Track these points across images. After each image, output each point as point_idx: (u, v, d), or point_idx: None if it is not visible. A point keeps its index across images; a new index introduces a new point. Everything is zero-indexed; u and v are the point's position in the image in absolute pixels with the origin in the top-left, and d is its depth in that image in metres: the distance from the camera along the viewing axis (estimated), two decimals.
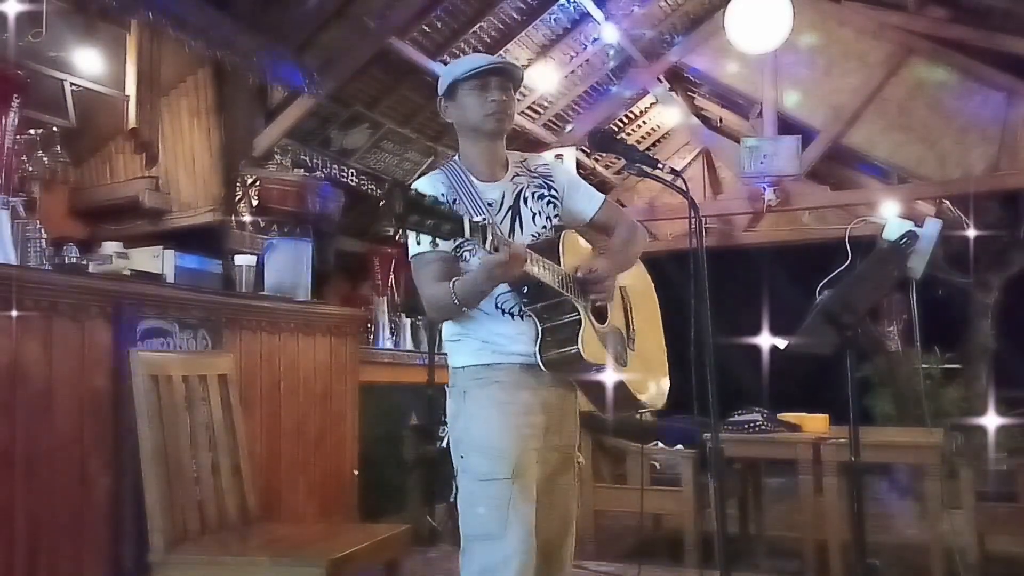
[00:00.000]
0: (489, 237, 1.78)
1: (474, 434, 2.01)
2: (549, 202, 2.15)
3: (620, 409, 2.17)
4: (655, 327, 2.33)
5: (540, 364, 1.98)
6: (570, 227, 2.15)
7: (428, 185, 2.03)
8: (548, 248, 1.99)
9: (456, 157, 2.16)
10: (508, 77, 2.09)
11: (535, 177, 2.17)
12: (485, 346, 2.03)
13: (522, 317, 2.02)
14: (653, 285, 2.39)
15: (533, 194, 2.13)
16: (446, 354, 2.15)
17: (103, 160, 4.58)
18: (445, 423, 2.16)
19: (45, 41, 3.84)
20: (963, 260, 6.40)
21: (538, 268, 1.90)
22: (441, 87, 2.13)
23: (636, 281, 2.30)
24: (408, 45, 5.03)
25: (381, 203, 1.75)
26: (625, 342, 2.16)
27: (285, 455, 3.46)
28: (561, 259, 1.99)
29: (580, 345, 1.94)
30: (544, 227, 2.12)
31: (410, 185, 1.73)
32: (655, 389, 2.23)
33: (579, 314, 1.97)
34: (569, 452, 2.14)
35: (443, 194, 1.96)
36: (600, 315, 2.06)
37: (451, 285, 1.94)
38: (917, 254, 2.45)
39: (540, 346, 1.98)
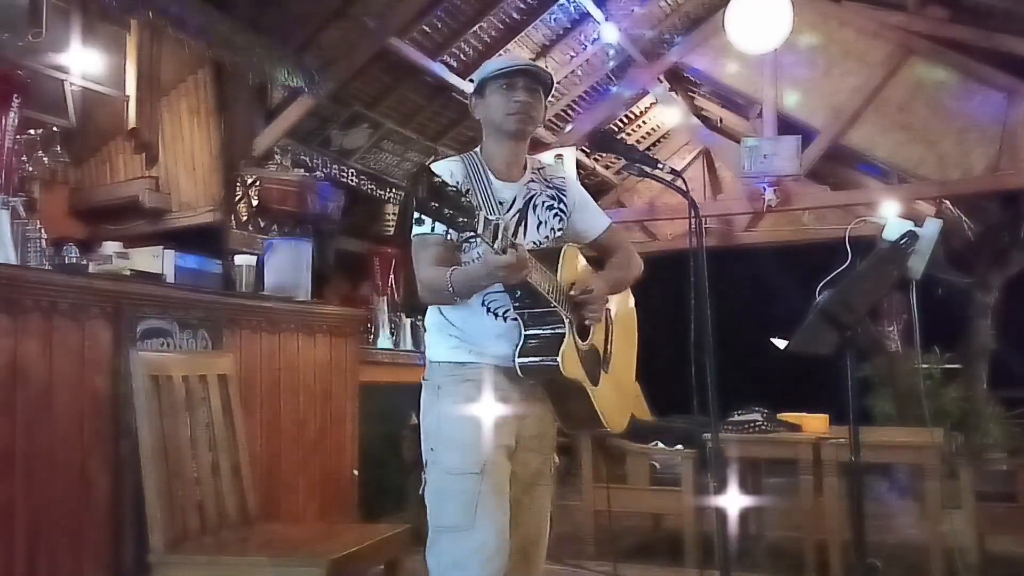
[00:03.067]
0: (499, 237, 1.79)
1: (445, 429, 2.03)
2: (556, 215, 2.18)
3: (581, 427, 2.21)
4: (630, 352, 2.35)
5: (516, 368, 2.00)
6: (571, 242, 2.16)
7: (445, 168, 2.05)
8: (547, 258, 2.00)
9: (478, 149, 2.19)
10: (536, 80, 2.11)
11: (549, 187, 2.20)
12: (462, 344, 2.06)
13: (505, 319, 2.04)
14: (635, 312, 2.39)
15: (543, 203, 2.17)
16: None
17: (103, 160, 4.59)
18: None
19: (45, 41, 3.85)
20: (963, 260, 6.41)
21: (536, 276, 1.92)
22: (474, 84, 2.17)
23: (620, 306, 2.32)
24: (408, 45, 5.03)
25: (408, 183, 1.78)
26: (601, 363, 2.17)
27: (285, 455, 3.46)
28: (559, 271, 2.01)
29: (560, 359, 1.95)
30: (546, 237, 2.15)
31: (436, 173, 1.75)
32: (619, 414, 2.24)
33: (564, 328, 1.98)
34: (547, 454, 2.17)
35: (458, 181, 1.99)
36: (583, 332, 2.08)
37: (449, 274, 1.96)
38: (917, 254, 2.44)
39: (520, 351, 2.00)
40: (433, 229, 1.98)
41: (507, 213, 2.08)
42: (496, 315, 2.04)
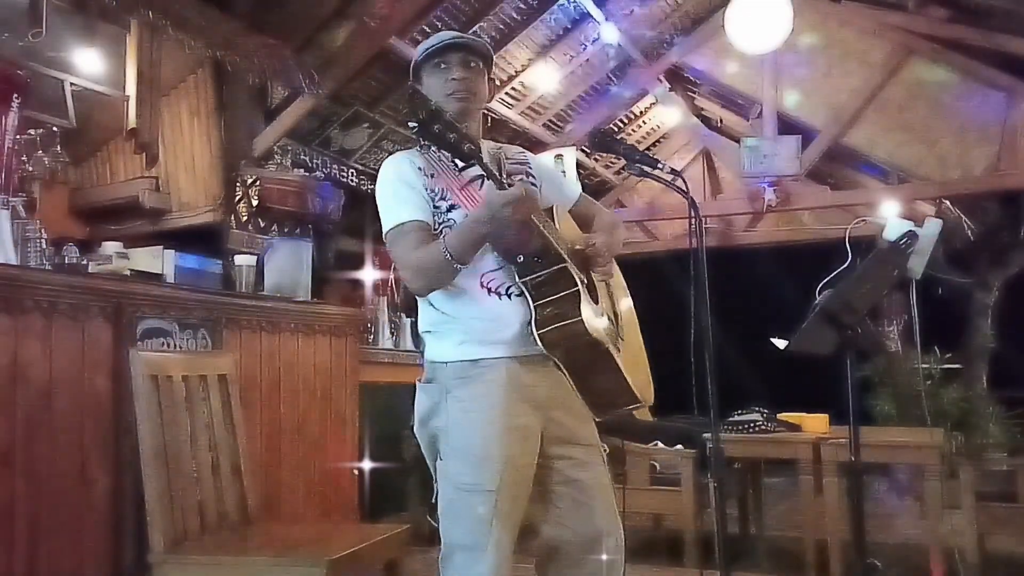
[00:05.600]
0: (505, 169, 1.68)
1: (456, 439, 1.88)
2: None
3: (613, 406, 2.01)
4: (634, 323, 2.26)
5: (538, 341, 1.83)
6: None
7: (404, 160, 1.94)
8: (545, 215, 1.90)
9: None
10: (471, 52, 1.94)
11: (514, 164, 2.06)
12: (469, 337, 1.89)
13: (510, 297, 1.88)
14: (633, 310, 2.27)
15: (511, 176, 1.99)
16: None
17: (103, 160, 4.59)
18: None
19: (45, 41, 3.84)
20: (963, 260, 6.42)
21: (538, 217, 1.80)
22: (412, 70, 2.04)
23: (616, 277, 2.21)
24: (408, 45, 5.03)
25: (406, 108, 1.68)
26: (616, 328, 2.06)
27: (285, 455, 3.45)
28: (556, 226, 1.91)
29: (583, 317, 1.80)
30: None
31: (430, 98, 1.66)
32: (645, 384, 2.11)
33: (577, 286, 1.84)
34: (588, 442, 1.99)
35: (420, 168, 1.90)
36: (592, 295, 1.94)
37: (442, 240, 1.80)
38: (917, 254, 2.44)
39: (536, 322, 1.83)
40: (406, 219, 1.86)
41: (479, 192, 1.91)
42: (499, 295, 1.88)
